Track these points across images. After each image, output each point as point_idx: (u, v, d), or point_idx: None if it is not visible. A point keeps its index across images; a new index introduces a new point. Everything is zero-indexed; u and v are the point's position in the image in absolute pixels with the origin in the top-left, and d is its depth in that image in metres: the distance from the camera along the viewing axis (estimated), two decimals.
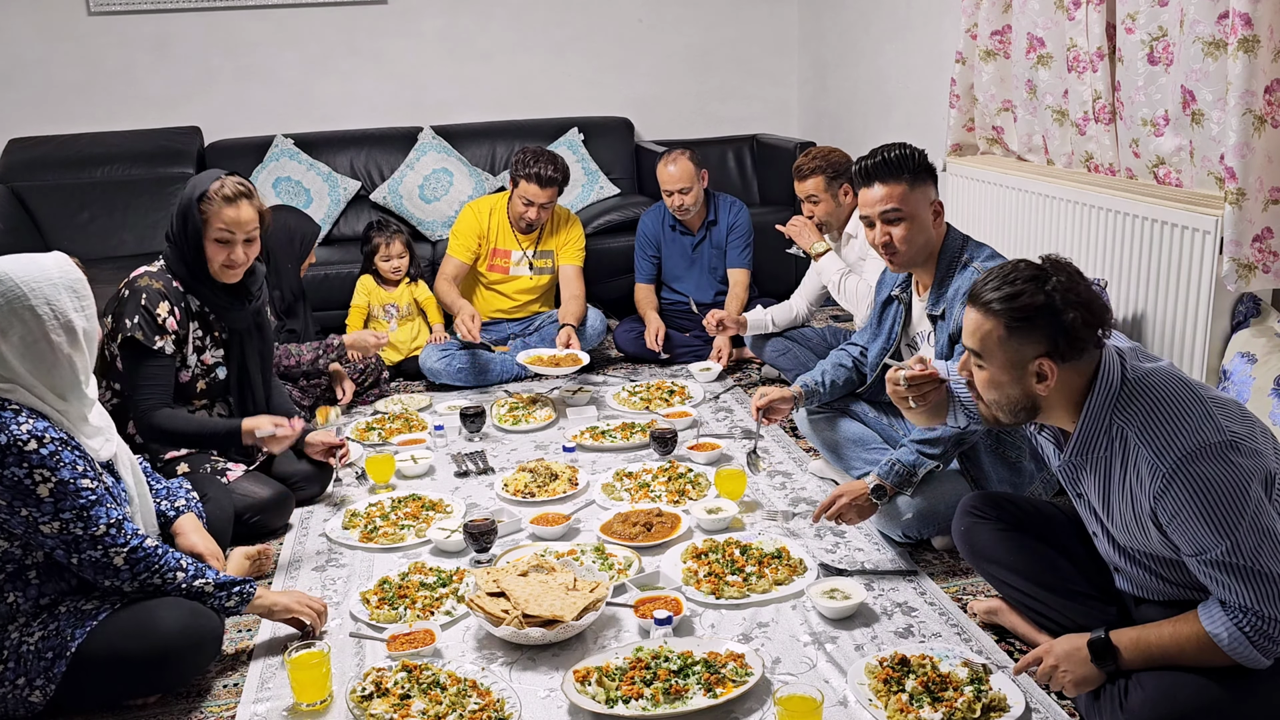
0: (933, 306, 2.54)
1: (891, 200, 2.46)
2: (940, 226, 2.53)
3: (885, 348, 2.75)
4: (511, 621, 2.15)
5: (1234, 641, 1.65)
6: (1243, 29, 2.50)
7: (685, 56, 5.65)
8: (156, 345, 2.65)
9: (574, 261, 4.20)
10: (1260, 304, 2.76)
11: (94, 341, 2.03)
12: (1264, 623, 1.63)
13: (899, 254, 2.51)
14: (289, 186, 4.89)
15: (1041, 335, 1.71)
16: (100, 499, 1.97)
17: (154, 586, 2.03)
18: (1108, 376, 1.73)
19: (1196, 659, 1.70)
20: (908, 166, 2.46)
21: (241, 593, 2.12)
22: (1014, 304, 1.71)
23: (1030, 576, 2.07)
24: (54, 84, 5.04)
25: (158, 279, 2.70)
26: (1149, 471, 1.68)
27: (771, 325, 3.77)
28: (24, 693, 1.96)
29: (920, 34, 4.43)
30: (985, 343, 1.76)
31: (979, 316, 1.76)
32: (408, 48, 5.34)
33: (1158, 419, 1.69)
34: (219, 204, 2.66)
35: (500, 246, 4.14)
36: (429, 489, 3.05)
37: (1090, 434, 1.76)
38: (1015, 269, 1.76)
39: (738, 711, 1.97)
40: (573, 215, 4.32)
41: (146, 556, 2.01)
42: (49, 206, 4.76)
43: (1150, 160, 3.01)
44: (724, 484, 2.86)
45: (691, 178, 4.08)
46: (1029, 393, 1.75)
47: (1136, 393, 1.72)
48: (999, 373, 1.76)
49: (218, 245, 2.68)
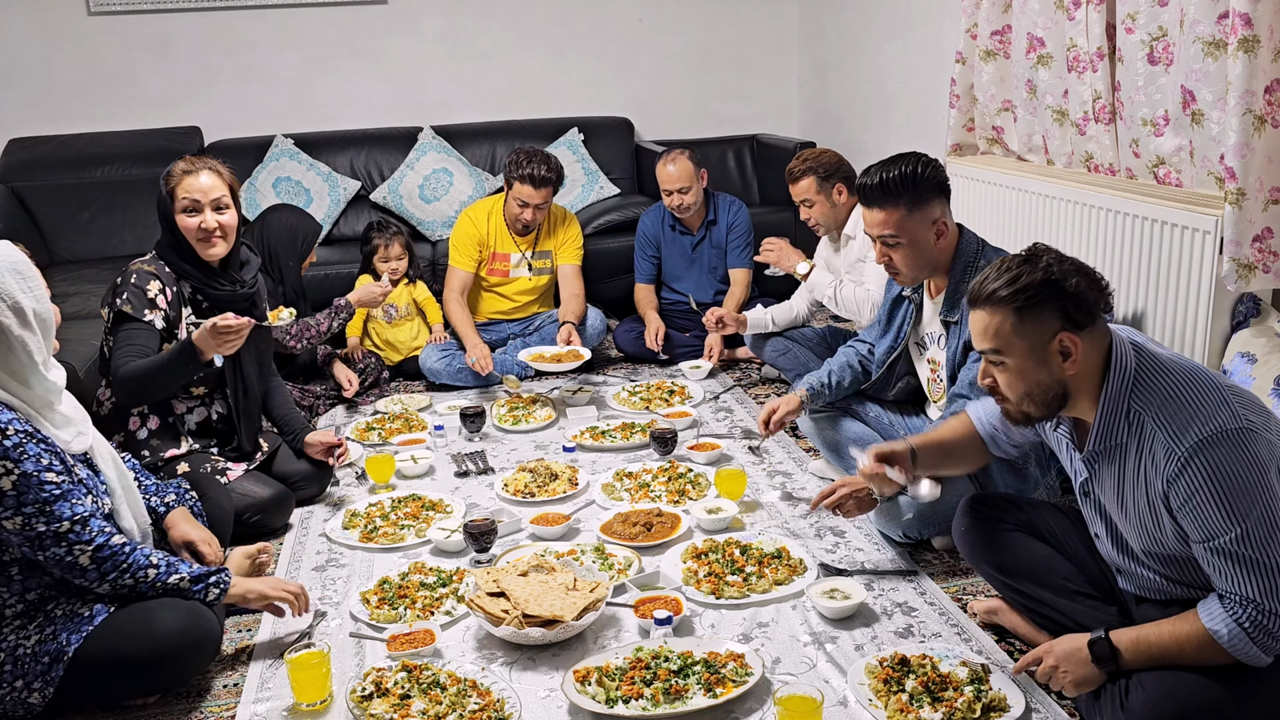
0: (948, 312, 2.53)
1: (888, 226, 2.45)
2: (947, 241, 2.50)
3: (893, 346, 2.75)
4: (511, 621, 2.15)
5: (1234, 638, 1.65)
6: (1243, 29, 2.50)
7: (685, 56, 5.65)
8: (146, 318, 2.66)
9: (573, 260, 4.19)
10: (1260, 304, 2.76)
11: (48, 325, 1.99)
12: (1264, 617, 1.63)
13: (901, 274, 2.53)
14: (289, 186, 4.89)
15: (1053, 310, 1.71)
16: (66, 494, 1.93)
17: (127, 587, 2.00)
18: (1121, 359, 1.73)
19: (1197, 658, 1.69)
20: (907, 188, 2.42)
21: (218, 583, 2.10)
22: (1016, 286, 1.71)
23: (1031, 576, 2.07)
24: (54, 84, 5.04)
25: (150, 264, 2.73)
26: (1165, 454, 1.68)
27: (771, 325, 3.77)
28: (22, 694, 1.96)
29: (920, 34, 4.43)
30: (1000, 337, 1.75)
31: (986, 314, 1.76)
32: (408, 48, 5.34)
33: (1175, 403, 1.68)
34: (179, 176, 2.71)
35: (499, 250, 4.13)
36: (429, 489, 3.05)
37: (1110, 420, 1.75)
38: (1003, 262, 1.77)
39: (738, 711, 1.97)
40: (570, 214, 4.30)
41: (113, 555, 1.97)
42: (49, 206, 4.76)
43: (1150, 160, 3.01)
44: (724, 484, 2.86)
45: (691, 177, 4.08)
46: (1057, 376, 1.74)
47: (1153, 377, 1.72)
48: (1023, 362, 1.74)
49: (187, 216, 2.69)
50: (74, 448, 2.03)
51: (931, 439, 2.18)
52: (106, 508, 2.06)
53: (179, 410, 2.80)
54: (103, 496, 2.09)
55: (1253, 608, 1.64)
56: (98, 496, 2.06)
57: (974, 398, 2.40)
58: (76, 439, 2.05)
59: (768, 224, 4.53)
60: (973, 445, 2.16)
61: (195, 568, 2.10)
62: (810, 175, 3.49)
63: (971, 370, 2.43)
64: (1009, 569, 2.10)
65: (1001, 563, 2.11)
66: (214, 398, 2.85)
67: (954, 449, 2.16)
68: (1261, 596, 1.63)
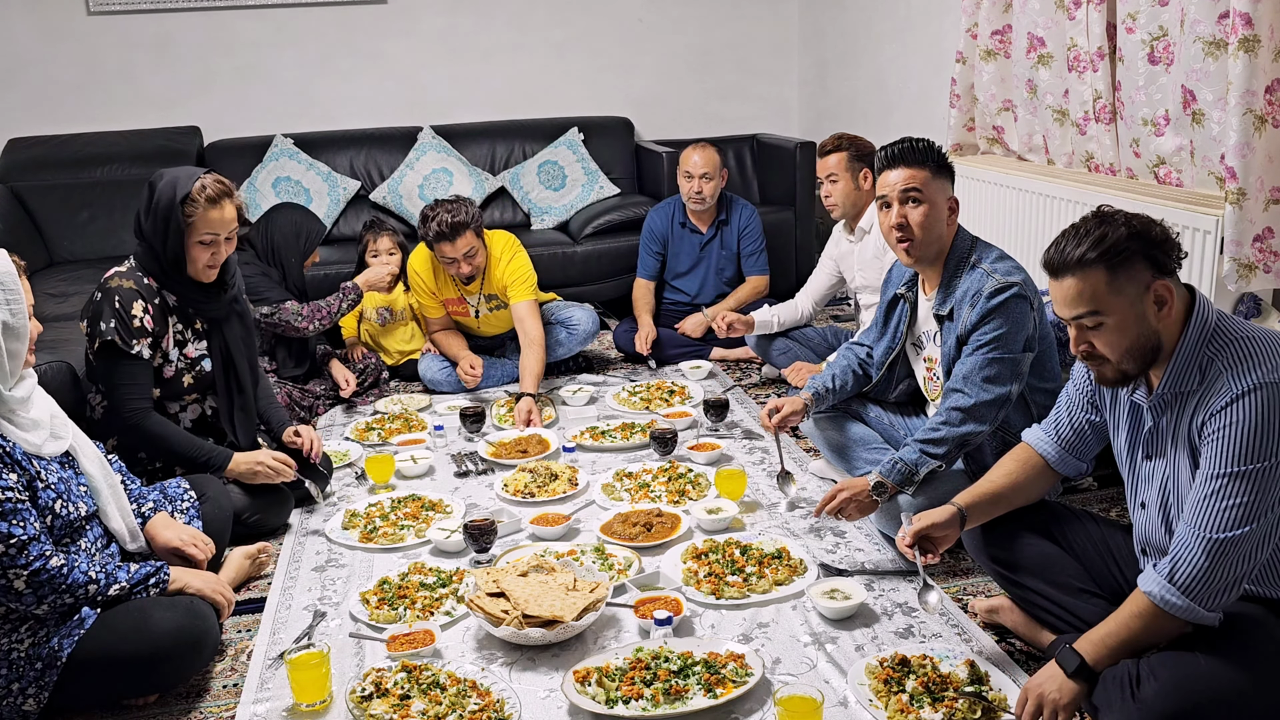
0: (940, 306, 2.53)
1: (914, 181, 2.46)
2: (953, 224, 2.53)
3: (891, 346, 2.75)
4: (511, 622, 2.15)
5: (1164, 592, 1.69)
6: (1243, 29, 2.50)
7: (685, 56, 5.64)
8: (135, 349, 2.61)
9: (524, 297, 3.78)
10: (1261, 304, 2.76)
11: (20, 336, 1.96)
12: (1193, 554, 1.67)
13: (915, 240, 2.47)
14: (289, 186, 4.89)
15: (1141, 261, 1.72)
16: (8, 514, 1.89)
17: (67, 605, 1.98)
18: (1204, 310, 1.76)
19: (1150, 631, 1.72)
20: (931, 156, 2.48)
21: (157, 583, 2.08)
22: (1104, 244, 1.72)
23: (1035, 573, 2.06)
24: (54, 84, 5.04)
25: (128, 278, 2.64)
26: (1220, 390, 1.69)
27: (777, 325, 3.77)
28: (18, 700, 1.95)
29: (920, 34, 4.43)
30: (1097, 298, 1.74)
31: (1076, 280, 1.74)
32: (408, 48, 5.34)
33: (1248, 350, 1.70)
34: (203, 206, 2.59)
35: (450, 297, 3.95)
36: (429, 489, 3.05)
37: (1185, 366, 1.75)
38: (1080, 226, 1.77)
39: (738, 712, 1.97)
40: (509, 245, 3.84)
41: (51, 579, 1.93)
42: (49, 206, 4.76)
43: (1151, 160, 3.01)
44: (724, 484, 2.86)
45: (716, 167, 4.10)
46: (1154, 327, 1.75)
47: (1230, 329, 1.74)
48: (1124, 317, 1.74)
49: (202, 247, 2.63)
50: (45, 451, 2.02)
51: (984, 494, 2.10)
52: (83, 511, 2.05)
53: (172, 409, 2.79)
54: (83, 499, 2.08)
55: (1185, 549, 1.67)
56: (71, 500, 2.04)
57: (968, 391, 2.40)
58: (49, 442, 2.03)
59: (768, 224, 4.52)
60: (1035, 478, 2.10)
61: (133, 572, 2.07)
62: (842, 151, 3.50)
63: (965, 364, 2.43)
64: (1013, 565, 2.10)
65: (1006, 559, 2.11)
66: (206, 395, 2.84)
67: (1011, 493, 2.10)
68: (1219, 534, 1.65)
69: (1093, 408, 2.01)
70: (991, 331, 2.39)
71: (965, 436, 2.42)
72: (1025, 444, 2.14)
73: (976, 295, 2.43)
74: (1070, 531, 2.08)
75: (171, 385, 2.74)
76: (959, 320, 2.47)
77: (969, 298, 2.44)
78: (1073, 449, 2.06)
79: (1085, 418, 2.02)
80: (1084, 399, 2.02)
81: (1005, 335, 2.39)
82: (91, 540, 2.11)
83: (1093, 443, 2.05)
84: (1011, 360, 2.39)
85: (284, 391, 3.53)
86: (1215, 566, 1.67)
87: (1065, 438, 2.06)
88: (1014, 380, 2.42)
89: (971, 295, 2.44)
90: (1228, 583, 1.68)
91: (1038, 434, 2.12)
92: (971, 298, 2.44)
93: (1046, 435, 2.09)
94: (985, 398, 2.40)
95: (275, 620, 2.38)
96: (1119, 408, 1.94)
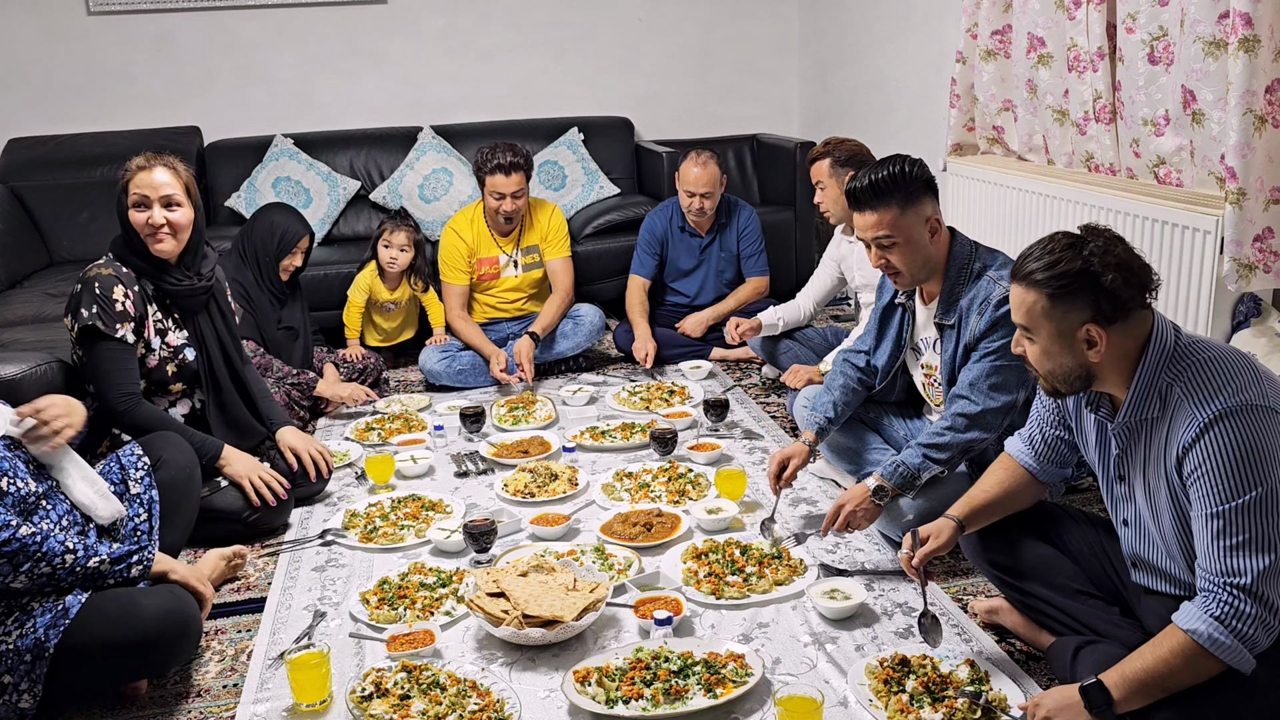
0: (943, 315, 2.51)
1: (882, 227, 2.42)
2: (941, 240, 2.49)
3: (895, 354, 2.73)
4: (511, 622, 2.15)
5: (1212, 631, 1.60)
6: (1243, 29, 2.50)
7: (685, 56, 5.64)
8: (118, 333, 2.62)
9: (560, 253, 4.11)
10: (1261, 304, 2.76)
11: None
12: (1239, 600, 1.60)
13: (901, 276, 2.49)
14: (289, 186, 4.89)
15: (1084, 301, 1.71)
16: None
17: (44, 575, 1.95)
18: (1161, 338, 1.74)
19: (1187, 672, 1.64)
20: (898, 187, 2.39)
21: (140, 561, 2.07)
22: (1053, 272, 1.72)
23: (1033, 575, 2.06)
24: (54, 84, 5.04)
25: (107, 267, 2.68)
26: (1186, 421, 1.68)
27: (781, 326, 3.77)
28: (13, 697, 1.95)
29: (920, 34, 4.43)
30: (1031, 316, 1.77)
31: (1023, 291, 1.77)
32: (408, 48, 5.34)
33: (1205, 374, 1.69)
34: (133, 171, 2.70)
35: (486, 255, 4.07)
36: (429, 489, 3.05)
37: (1144, 393, 1.75)
38: (1053, 239, 1.77)
39: (738, 712, 1.97)
40: (550, 204, 4.21)
41: (23, 548, 1.91)
42: (49, 206, 4.76)
43: (1151, 160, 3.01)
44: (724, 484, 2.86)
45: (716, 184, 4.06)
46: (1081, 361, 1.75)
47: (1189, 352, 1.73)
48: (1049, 343, 1.77)
49: (136, 211, 2.67)
50: None
51: (977, 502, 2.10)
52: (34, 487, 2.04)
53: (162, 406, 2.79)
54: (31, 476, 2.06)
55: (1228, 593, 1.60)
56: (20, 477, 2.02)
57: (974, 398, 2.40)
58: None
59: (767, 224, 4.52)
60: (1023, 486, 2.10)
61: (115, 549, 2.05)
62: (826, 158, 3.50)
63: (972, 371, 2.43)
64: (1011, 568, 2.09)
65: (1003, 561, 2.11)
66: (193, 389, 2.85)
67: (1005, 499, 2.10)
68: (1249, 578, 1.59)
69: (1062, 425, 2.01)
70: (999, 339, 2.39)
71: (970, 443, 2.42)
72: (1007, 456, 2.13)
73: (984, 303, 2.42)
74: (1067, 534, 2.08)
75: (157, 377, 2.74)
76: (966, 327, 2.45)
77: (976, 305, 2.43)
78: (1051, 460, 2.06)
79: (1055, 434, 2.03)
80: (1053, 416, 2.02)
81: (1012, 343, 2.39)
82: (56, 519, 2.09)
83: (1069, 455, 2.05)
84: (1018, 368, 2.38)
85: (283, 391, 3.52)
86: (1260, 605, 1.60)
87: (1041, 451, 2.07)
88: (1020, 388, 2.41)
89: (979, 303, 2.43)
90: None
91: (1018, 445, 2.12)
92: (979, 305, 2.43)
93: (1026, 448, 2.09)
94: (991, 405, 2.39)
95: (275, 620, 2.38)
96: (1084, 425, 1.94)
